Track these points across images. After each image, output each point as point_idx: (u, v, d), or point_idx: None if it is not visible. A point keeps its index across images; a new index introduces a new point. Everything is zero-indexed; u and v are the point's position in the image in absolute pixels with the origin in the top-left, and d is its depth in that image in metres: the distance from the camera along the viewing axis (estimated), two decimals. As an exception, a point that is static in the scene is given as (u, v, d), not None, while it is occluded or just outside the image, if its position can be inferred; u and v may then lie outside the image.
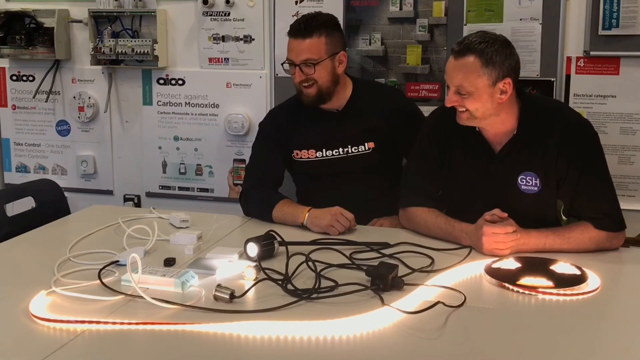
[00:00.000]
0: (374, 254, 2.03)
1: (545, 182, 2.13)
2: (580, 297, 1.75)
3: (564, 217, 2.20)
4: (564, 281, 1.81)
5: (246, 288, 1.75)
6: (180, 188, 3.36)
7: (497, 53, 2.04)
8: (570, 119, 2.17)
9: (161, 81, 3.30)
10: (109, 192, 3.46)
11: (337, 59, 2.47)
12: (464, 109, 2.10)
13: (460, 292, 1.74)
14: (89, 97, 3.37)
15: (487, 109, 2.08)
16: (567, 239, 2.05)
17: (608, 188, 2.13)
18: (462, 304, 1.68)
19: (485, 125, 2.15)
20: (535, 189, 2.14)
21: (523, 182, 2.15)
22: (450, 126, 2.21)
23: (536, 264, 1.92)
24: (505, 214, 2.04)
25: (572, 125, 2.14)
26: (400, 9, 2.93)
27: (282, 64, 2.53)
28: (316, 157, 2.56)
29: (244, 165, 2.97)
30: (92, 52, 3.22)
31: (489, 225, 2.02)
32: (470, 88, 2.05)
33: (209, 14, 3.17)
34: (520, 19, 2.80)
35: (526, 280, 1.80)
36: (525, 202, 2.15)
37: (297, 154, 2.58)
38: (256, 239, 2.00)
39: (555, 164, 2.11)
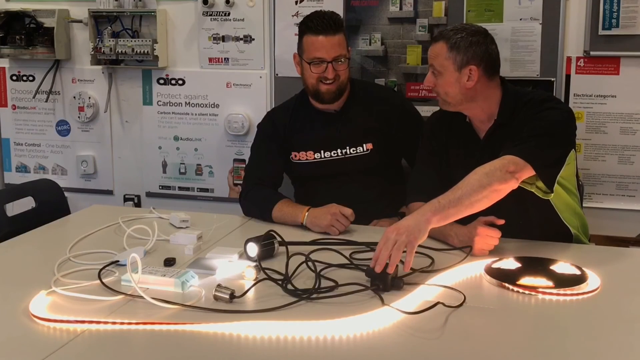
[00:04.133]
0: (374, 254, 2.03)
1: None
2: (580, 297, 1.75)
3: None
4: (564, 281, 1.80)
5: (246, 288, 1.75)
6: (180, 188, 3.36)
7: (462, 40, 2.13)
8: (537, 96, 2.19)
9: (161, 81, 3.30)
10: (109, 192, 3.46)
11: (349, 54, 2.51)
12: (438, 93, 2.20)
13: (460, 292, 1.74)
14: (89, 97, 3.37)
15: (456, 93, 2.16)
16: (457, 187, 1.90)
17: (544, 140, 2.04)
18: (462, 304, 1.68)
19: (462, 110, 2.22)
20: None
21: None
22: (447, 125, 2.28)
23: (536, 264, 1.92)
24: (502, 220, 2.02)
25: (536, 101, 2.15)
26: (400, 9, 2.93)
27: (309, 64, 2.44)
28: (315, 158, 2.56)
29: (244, 165, 2.97)
30: (92, 52, 3.22)
31: (484, 227, 2.02)
32: (440, 68, 2.15)
33: (209, 14, 3.17)
34: (520, 19, 2.80)
35: (526, 280, 1.80)
36: None
37: (296, 156, 2.58)
38: (256, 239, 2.00)
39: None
